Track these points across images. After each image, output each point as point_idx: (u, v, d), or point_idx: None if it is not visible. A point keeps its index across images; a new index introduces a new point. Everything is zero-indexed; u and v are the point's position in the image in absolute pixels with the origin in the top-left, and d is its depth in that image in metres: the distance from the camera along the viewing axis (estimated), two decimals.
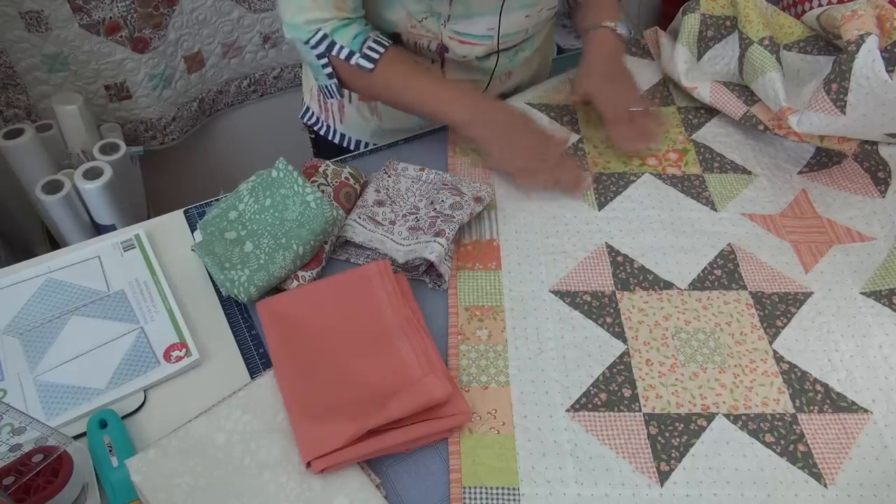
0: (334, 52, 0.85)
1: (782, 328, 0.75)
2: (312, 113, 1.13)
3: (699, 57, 1.02)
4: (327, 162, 0.84)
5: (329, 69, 0.88)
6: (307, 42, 0.85)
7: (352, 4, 0.85)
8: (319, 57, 0.86)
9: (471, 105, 0.88)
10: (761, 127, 0.94)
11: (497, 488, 0.61)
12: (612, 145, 0.94)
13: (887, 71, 0.78)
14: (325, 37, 0.84)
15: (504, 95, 1.06)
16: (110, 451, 0.62)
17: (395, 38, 0.92)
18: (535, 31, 1.00)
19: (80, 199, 1.33)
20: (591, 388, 0.69)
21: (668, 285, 0.78)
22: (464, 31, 0.91)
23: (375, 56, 0.85)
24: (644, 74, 1.07)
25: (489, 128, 0.88)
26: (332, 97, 0.93)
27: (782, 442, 0.65)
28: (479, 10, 0.89)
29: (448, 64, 0.97)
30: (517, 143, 0.88)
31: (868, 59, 0.79)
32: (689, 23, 1.02)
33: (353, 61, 0.85)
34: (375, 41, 0.86)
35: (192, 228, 0.85)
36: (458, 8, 0.88)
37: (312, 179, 0.82)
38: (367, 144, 1.09)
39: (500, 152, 0.88)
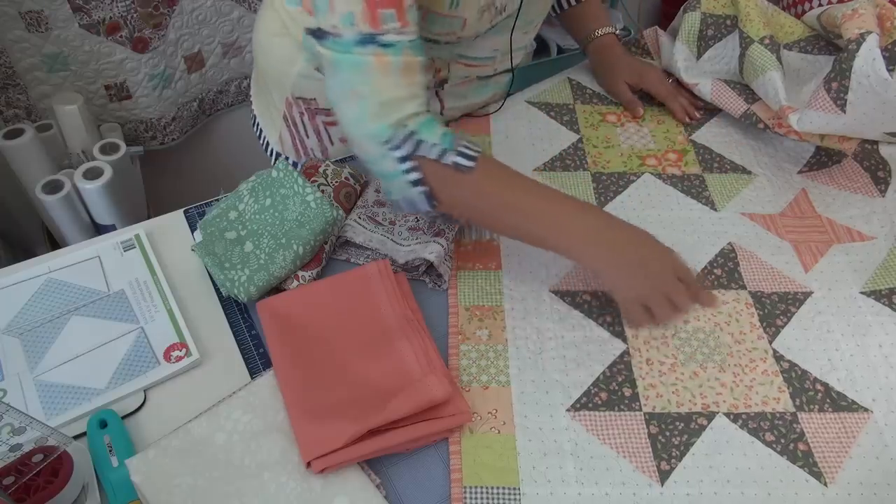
0: (421, 152, 0.66)
1: (782, 327, 0.75)
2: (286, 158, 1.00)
3: (698, 56, 1.02)
4: (327, 162, 0.84)
5: (416, 174, 0.68)
6: (387, 142, 0.66)
7: (421, 82, 0.67)
8: (402, 160, 0.67)
9: (586, 226, 0.69)
10: (761, 125, 0.94)
11: (497, 488, 0.61)
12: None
13: (887, 69, 0.78)
14: (411, 134, 0.66)
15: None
16: (110, 451, 0.62)
17: None
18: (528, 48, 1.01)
19: (80, 199, 1.33)
20: (591, 387, 0.69)
21: None
22: (469, 55, 0.87)
23: (473, 154, 0.67)
24: None
25: (610, 259, 0.68)
26: (415, 212, 0.75)
27: (782, 441, 0.65)
28: (491, 31, 0.83)
29: (445, 94, 0.94)
30: (645, 281, 0.67)
31: (868, 58, 0.79)
32: (690, 21, 1.02)
33: (447, 160, 0.67)
34: (466, 139, 0.69)
35: (192, 228, 0.85)
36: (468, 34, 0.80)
37: (312, 179, 0.81)
38: None
39: (624, 292, 0.69)
